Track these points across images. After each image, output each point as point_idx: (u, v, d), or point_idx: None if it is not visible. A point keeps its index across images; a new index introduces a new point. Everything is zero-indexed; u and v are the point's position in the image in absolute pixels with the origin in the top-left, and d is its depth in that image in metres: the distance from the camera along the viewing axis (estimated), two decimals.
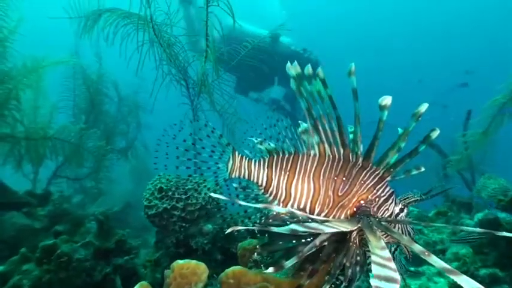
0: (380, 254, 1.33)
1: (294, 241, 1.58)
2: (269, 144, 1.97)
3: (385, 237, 1.72)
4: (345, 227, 1.52)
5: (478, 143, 6.73)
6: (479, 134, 6.65)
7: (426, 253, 1.31)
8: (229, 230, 1.39)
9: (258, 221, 1.84)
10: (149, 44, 4.07)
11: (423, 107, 1.61)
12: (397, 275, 1.23)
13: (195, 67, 4.47)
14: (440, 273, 4.50)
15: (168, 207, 3.35)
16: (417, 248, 1.35)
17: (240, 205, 1.69)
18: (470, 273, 3.62)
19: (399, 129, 1.80)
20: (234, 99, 5.17)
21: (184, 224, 3.39)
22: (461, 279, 1.18)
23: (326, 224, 1.52)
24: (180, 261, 1.55)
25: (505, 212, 4.07)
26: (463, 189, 7.32)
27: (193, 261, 1.56)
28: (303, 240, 1.57)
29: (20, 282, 3.26)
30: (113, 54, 4.78)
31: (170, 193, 3.39)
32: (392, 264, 1.28)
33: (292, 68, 1.77)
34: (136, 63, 4.17)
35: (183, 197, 3.35)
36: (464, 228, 1.53)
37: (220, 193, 1.96)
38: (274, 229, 1.42)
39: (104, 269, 3.30)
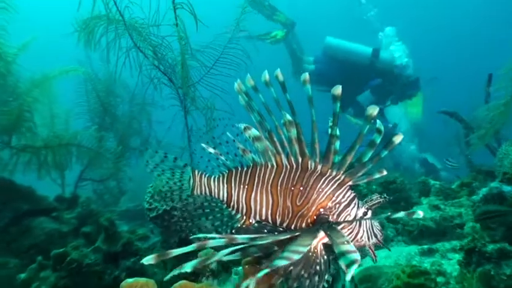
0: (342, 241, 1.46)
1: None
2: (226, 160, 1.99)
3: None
4: (305, 245, 1.53)
5: (501, 116, 6.33)
6: (502, 105, 6.26)
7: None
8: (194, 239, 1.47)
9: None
10: (135, 48, 4.16)
11: (374, 110, 1.61)
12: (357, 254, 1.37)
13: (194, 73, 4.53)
14: (455, 249, 4.44)
15: (168, 208, 3.47)
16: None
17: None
18: (477, 249, 3.54)
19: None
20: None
21: (185, 224, 3.51)
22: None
23: (290, 250, 1.49)
24: (129, 280, 1.64)
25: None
26: (488, 157, 7.07)
27: (142, 279, 1.64)
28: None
29: None
30: (115, 56, 4.96)
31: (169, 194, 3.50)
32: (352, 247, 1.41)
33: (244, 83, 1.78)
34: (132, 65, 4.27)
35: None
36: (394, 216, 1.53)
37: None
38: (225, 252, 1.48)
39: (113, 272, 3.48)
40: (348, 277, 1.32)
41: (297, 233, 1.64)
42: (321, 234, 1.62)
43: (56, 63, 6.36)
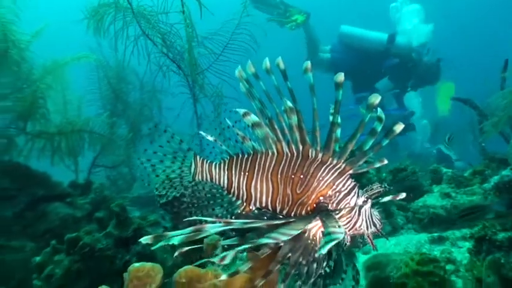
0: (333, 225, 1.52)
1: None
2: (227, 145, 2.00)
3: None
4: (296, 229, 1.56)
5: None
6: None
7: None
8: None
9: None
10: (144, 35, 4.17)
11: (376, 99, 1.61)
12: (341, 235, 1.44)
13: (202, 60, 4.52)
14: (465, 237, 4.43)
15: (177, 195, 3.50)
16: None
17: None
18: (488, 237, 3.52)
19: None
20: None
21: (194, 210, 3.54)
22: None
23: (281, 230, 1.56)
24: (136, 265, 1.67)
25: None
26: (502, 144, 6.96)
27: (148, 264, 1.68)
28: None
29: (53, 271, 3.60)
30: (125, 43, 4.99)
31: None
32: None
33: (245, 69, 1.78)
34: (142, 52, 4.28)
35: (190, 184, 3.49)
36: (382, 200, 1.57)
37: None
38: (227, 241, 1.50)
39: (124, 257, 3.55)
40: (323, 251, 1.37)
41: (292, 219, 1.66)
42: (317, 221, 1.63)
43: (67, 51, 6.43)
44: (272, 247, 1.55)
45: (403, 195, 1.57)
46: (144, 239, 1.43)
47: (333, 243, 1.40)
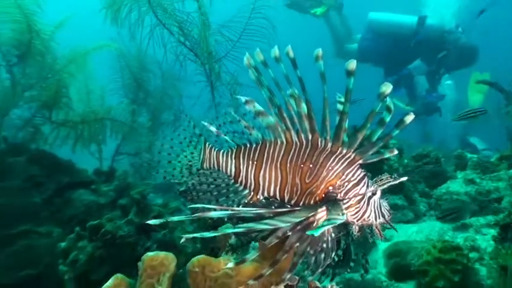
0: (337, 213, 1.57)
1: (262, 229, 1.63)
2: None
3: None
4: (298, 217, 1.56)
5: None
6: None
7: None
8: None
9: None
10: (162, 24, 4.17)
11: (388, 88, 1.57)
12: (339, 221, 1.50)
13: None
14: (490, 224, 4.33)
15: (196, 182, 3.53)
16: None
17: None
18: None
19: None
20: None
21: (199, 198, 3.57)
22: None
23: (284, 218, 1.56)
24: (149, 254, 1.69)
25: None
26: None
27: (162, 253, 1.69)
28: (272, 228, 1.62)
29: (77, 257, 3.71)
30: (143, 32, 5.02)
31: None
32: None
33: (254, 57, 1.76)
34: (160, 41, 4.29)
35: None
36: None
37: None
38: (228, 230, 1.50)
39: (145, 244, 3.62)
40: (315, 233, 1.39)
41: (297, 208, 1.65)
42: (324, 210, 1.62)
43: (88, 41, 6.51)
44: (280, 236, 1.54)
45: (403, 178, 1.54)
46: (152, 222, 1.45)
47: (328, 226, 1.45)
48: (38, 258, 4.86)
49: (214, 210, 1.50)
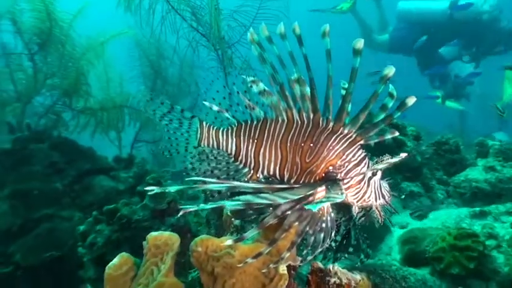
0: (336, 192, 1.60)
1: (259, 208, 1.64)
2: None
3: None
4: (295, 194, 1.56)
5: None
6: None
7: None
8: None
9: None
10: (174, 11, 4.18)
11: (391, 71, 1.55)
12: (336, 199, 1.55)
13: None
14: (510, 212, 4.24)
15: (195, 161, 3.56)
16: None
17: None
18: None
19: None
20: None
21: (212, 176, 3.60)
22: None
23: (282, 194, 1.57)
24: (154, 233, 1.73)
25: None
26: None
27: (166, 233, 1.73)
28: (270, 209, 1.63)
29: (95, 240, 3.82)
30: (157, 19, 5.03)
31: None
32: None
33: (259, 32, 1.75)
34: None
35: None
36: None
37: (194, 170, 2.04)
38: (227, 203, 1.51)
39: (159, 228, 3.69)
40: (313, 208, 1.45)
41: (296, 186, 1.65)
42: (323, 189, 1.61)
43: (107, 29, 6.61)
44: (279, 215, 1.55)
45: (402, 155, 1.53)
46: (149, 189, 1.48)
47: (326, 203, 1.49)
48: (60, 241, 5.02)
49: (214, 183, 1.52)
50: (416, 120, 5.83)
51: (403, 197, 4.62)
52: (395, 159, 1.49)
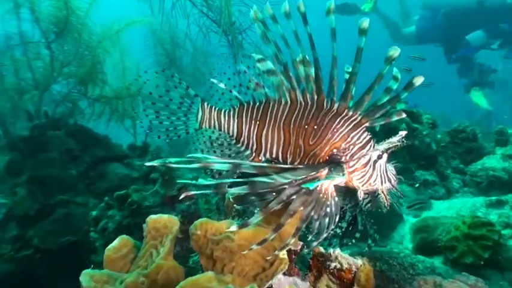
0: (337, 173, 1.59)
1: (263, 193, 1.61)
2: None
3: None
4: (298, 175, 1.52)
5: None
6: None
7: None
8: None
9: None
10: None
11: (396, 52, 1.50)
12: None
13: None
14: None
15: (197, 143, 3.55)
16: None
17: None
18: None
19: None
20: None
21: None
22: None
23: (285, 174, 1.53)
24: (153, 216, 1.73)
25: None
26: None
27: (166, 216, 1.72)
28: (274, 194, 1.60)
29: (107, 225, 3.87)
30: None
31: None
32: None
33: (261, 12, 1.71)
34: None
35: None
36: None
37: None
38: (232, 190, 1.50)
39: (170, 214, 3.71)
40: (310, 186, 1.45)
41: (300, 166, 1.60)
42: (325, 170, 1.58)
43: (122, 17, 6.64)
44: (284, 200, 1.52)
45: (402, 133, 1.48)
46: (149, 163, 1.45)
47: (326, 182, 1.49)
48: (76, 226, 5.11)
49: (217, 163, 1.49)
50: (438, 109, 5.74)
51: (417, 185, 4.54)
52: (396, 138, 1.43)
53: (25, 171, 5.67)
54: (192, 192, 1.51)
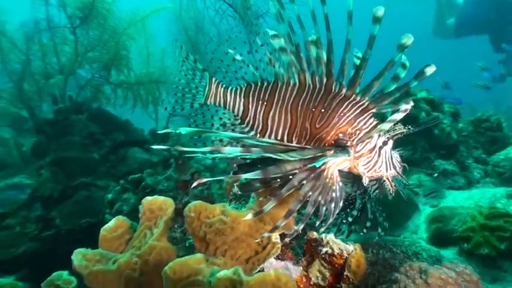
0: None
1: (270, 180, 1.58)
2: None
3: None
4: (305, 154, 1.50)
5: None
6: None
7: None
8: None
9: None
10: None
11: (409, 40, 1.46)
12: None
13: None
14: None
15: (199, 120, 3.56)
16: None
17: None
18: None
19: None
20: None
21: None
22: None
23: (292, 154, 1.49)
24: (148, 198, 1.74)
25: None
26: None
27: (161, 198, 1.73)
28: (278, 180, 1.57)
29: (122, 208, 3.96)
30: None
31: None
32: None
33: None
34: None
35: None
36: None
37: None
38: (244, 175, 1.47)
39: (183, 198, 3.75)
40: (317, 164, 1.47)
41: (308, 146, 1.58)
42: (330, 153, 1.55)
43: (149, 4, 6.72)
44: (296, 185, 1.51)
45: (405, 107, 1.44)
46: (156, 146, 1.51)
47: (329, 159, 1.50)
48: (96, 209, 5.25)
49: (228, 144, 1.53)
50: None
51: (435, 175, 4.44)
52: (399, 115, 1.39)
53: (50, 153, 5.85)
54: (205, 180, 1.50)
